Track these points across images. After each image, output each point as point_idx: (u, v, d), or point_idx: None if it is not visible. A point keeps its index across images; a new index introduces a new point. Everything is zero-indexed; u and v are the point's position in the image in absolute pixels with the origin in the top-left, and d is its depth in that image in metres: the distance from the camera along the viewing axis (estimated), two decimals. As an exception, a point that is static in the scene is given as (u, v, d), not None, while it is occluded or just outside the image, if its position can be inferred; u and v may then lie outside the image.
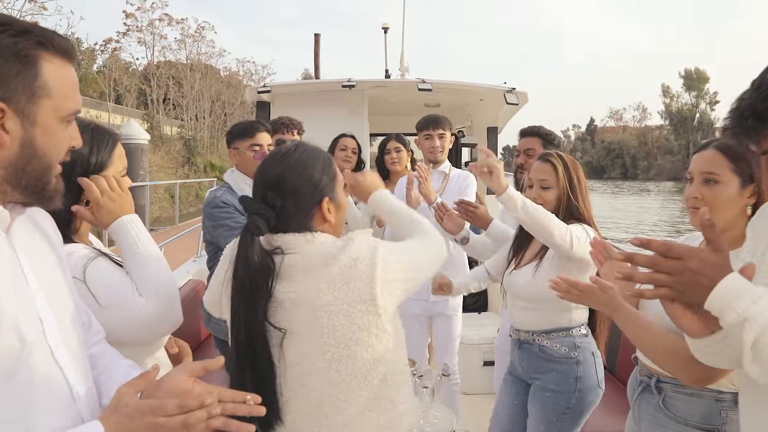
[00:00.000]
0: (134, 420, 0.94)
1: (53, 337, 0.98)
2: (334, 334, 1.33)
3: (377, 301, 1.33)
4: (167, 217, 20.28)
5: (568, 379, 2.24)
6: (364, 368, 1.36)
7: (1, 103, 0.91)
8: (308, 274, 1.35)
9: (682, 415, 1.64)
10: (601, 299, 1.64)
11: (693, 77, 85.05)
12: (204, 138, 32.95)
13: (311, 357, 1.35)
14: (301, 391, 1.37)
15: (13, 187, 0.96)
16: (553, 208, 2.27)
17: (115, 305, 1.39)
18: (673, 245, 1.02)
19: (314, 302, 1.33)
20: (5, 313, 0.89)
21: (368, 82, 4.62)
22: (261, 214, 1.35)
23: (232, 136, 2.77)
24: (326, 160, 1.46)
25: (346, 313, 1.32)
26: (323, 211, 1.41)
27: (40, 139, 0.96)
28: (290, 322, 1.35)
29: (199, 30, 34.45)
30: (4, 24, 0.92)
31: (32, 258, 1.01)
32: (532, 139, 3.05)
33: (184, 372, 1.04)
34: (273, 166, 1.41)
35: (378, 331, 1.35)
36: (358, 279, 1.32)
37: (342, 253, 1.35)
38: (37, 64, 0.94)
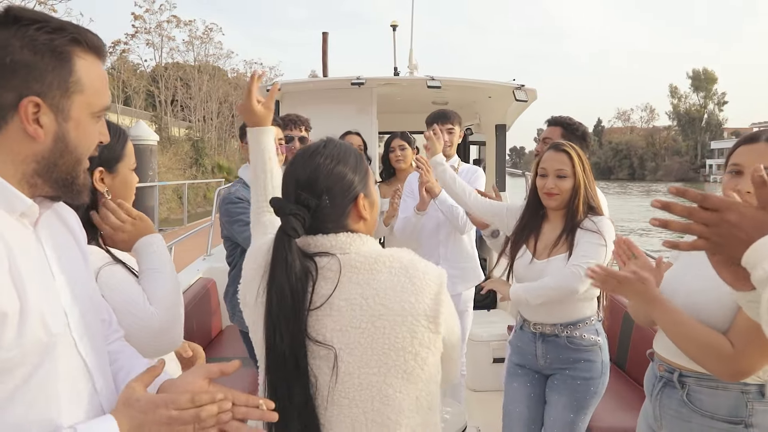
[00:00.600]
0: (147, 413, 0.95)
1: (77, 330, 1.01)
2: (394, 346, 1.24)
3: (439, 319, 1.26)
4: (175, 218, 20.37)
5: (596, 365, 2.31)
6: (417, 388, 1.27)
7: (36, 98, 0.94)
8: (372, 277, 1.26)
9: (707, 409, 1.62)
10: (638, 289, 1.64)
11: (701, 78, 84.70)
12: (212, 139, 33.07)
13: (369, 369, 1.25)
14: (348, 407, 1.26)
15: (44, 180, 0.99)
16: (568, 197, 2.29)
17: (124, 311, 1.40)
18: (711, 195, 0.99)
19: (375, 309, 1.24)
20: (33, 307, 0.91)
21: (377, 79, 4.63)
22: (296, 215, 1.26)
23: (245, 131, 2.76)
24: (357, 155, 1.39)
25: (409, 325, 1.24)
26: (359, 208, 1.33)
27: (72, 134, 0.99)
28: (342, 331, 1.25)
29: (207, 32, 34.61)
30: (40, 21, 0.94)
31: (58, 252, 1.04)
32: (552, 128, 2.98)
33: (199, 374, 1.05)
34: (303, 165, 1.33)
35: (435, 350, 1.28)
36: (426, 293, 1.26)
37: (412, 263, 1.29)
38: (71, 61, 0.97)
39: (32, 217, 0.99)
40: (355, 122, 4.38)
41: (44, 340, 0.92)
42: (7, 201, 0.94)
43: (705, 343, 1.52)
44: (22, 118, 0.93)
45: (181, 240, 5.12)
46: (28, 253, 0.95)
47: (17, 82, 0.93)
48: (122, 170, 1.58)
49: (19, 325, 0.88)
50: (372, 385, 1.25)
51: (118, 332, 1.27)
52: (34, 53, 0.93)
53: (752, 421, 1.56)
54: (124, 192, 1.59)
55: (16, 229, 0.95)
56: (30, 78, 0.93)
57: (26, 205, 0.96)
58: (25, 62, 0.92)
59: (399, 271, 1.27)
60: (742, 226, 0.96)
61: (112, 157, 1.54)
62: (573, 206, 2.29)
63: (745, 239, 0.96)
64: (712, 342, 1.51)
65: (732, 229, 0.97)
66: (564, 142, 2.35)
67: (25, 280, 0.91)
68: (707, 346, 1.52)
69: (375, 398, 1.25)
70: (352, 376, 1.25)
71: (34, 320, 0.90)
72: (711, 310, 1.56)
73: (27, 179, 0.97)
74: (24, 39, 0.92)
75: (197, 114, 32.99)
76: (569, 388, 2.32)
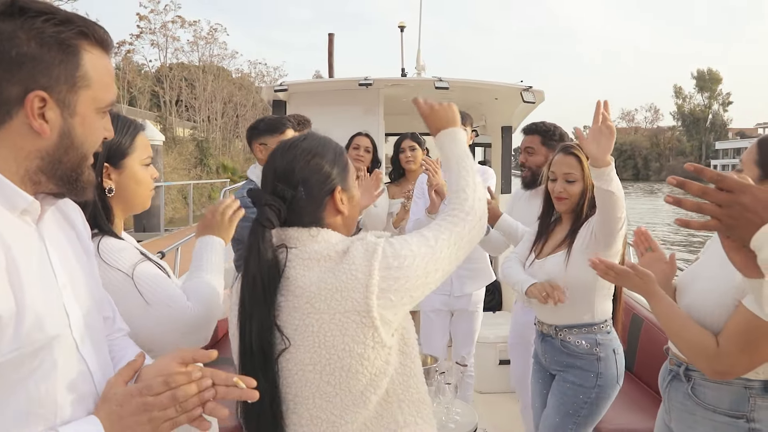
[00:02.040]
0: (123, 405, 0.94)
1: (78, 331, 0.98)
2: (325, 344, 1.21)
3: (372, 313, 1.20)
4: (180, 217, 20.42)
5: (588, 375, 2.25)
6: (359, 384, 1.23)
7: (42, 92, 0.91)
8: (306, 274, 1.24)
9: (710, 402, 1.65)
10: (636, 283, 1.69)
11: (705, 78, 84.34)
12: (216, 139, 33.13)
13: (304, 367, 1.24)
14: (293, 403, 1.26)
15: (48, 177, 0.96)
16: (577, 201, 2.28)
17: (162, 304, 1.43)
18: (727, 176, 0.99)
19: (306, 307, 1.22)
20: (31, 308, 0.88)
21: (385, 80, 4.62)
22: (271, 205, 1.27)
23: (258, 131, 2.73)
24: (337, 149, 1.37)
25: (338, 323, 1.20)
26: (336, 201, 1.32)
27: (78, 130, 0.96)
28: (286, 327, 1.24)
29: (212, 32, 34.71)
30: (47, 13, 0.91)
31: (60, 250, 1.01)
32: (531, 137, 3.02)
33: (174, 358, 1.03)
34: (281, 156, 1.33)
35: (375, 344, 1.21)
36: (353, 288, 1.20)
37: (342, 257, 1.24)
38: (78, 54, 0.94)
39: (34, 215, 0.97)
40: (362, 123, 4.37)
41: (42, 342, 0.90)
42: (7, 198, 0.92)
43: (693, 340, 1.57)
44: (27, 112, 0.91)
45: (188, 240, 5.12)
46: (28, 252, 0.92)
47: (23, 76, 0.89)
48: (130, 165, 1.53)
49: (15, 328, 0.86)
50: (311, 382, 1.23)
51: (122, 330, 1.26)
52: (41, 46, 0.90)
53: (754, 416, 1.58)
54: (135, 188, 1.54)
55: (16, 227, 0.92)
56: (36, 72, 0.90)
57: (27, 202, 0.94)
58: (31, 55, 0.89)
59: (329, 268, 1.23)
60: (754, 209, 0.96)
61: (117, 152, 1.50)
62: (579, 209, 2.29)
63: (757, 222, 0.96)
64: (699, 339, 1.55)
65: (744, 211, 0.96)
66: (574, 145, 2.33)
67: (24, 280, 0.88)
68: (694, 343, 1.56)
69: (315, 395, 1.24)
70: (291, 372, 1.25)
71: (31, 322, 0.88)
72: (712, 310, 1.59)
73: (30, 176, 0.94)
74: (31, 31, 0.89)
75: (202, 114, 33.06)
76: (560, 391, 2.31)
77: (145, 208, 1.61)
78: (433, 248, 1.27)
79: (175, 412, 0.95)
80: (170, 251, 4.38)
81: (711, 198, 0.98)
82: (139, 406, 0.93)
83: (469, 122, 3.47)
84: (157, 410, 0.94)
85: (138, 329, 1.37)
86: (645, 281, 1.68)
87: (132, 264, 1.43)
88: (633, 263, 1.74)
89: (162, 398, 0.94)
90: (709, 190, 0.98)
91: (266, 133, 2.71)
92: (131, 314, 1.38)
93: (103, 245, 1.43)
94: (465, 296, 3.39)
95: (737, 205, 0.97)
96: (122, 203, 1.54)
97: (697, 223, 1.03)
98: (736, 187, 0.97)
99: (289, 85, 4.62)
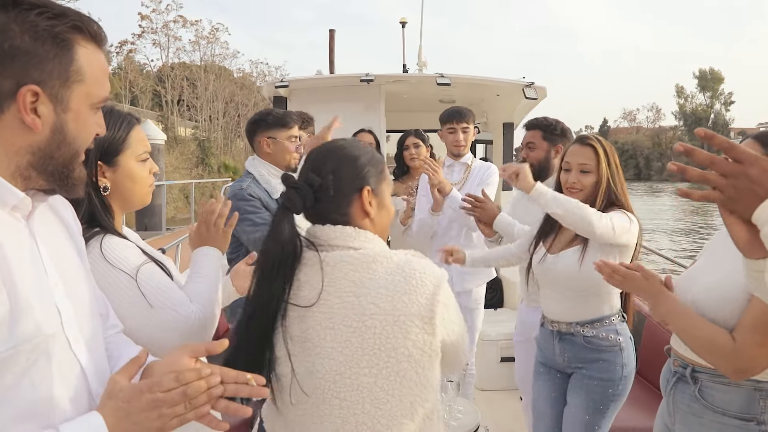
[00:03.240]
0: (132, 402, 0.92)
1: (71, 329, 0.97)
2: (386, 346, 1.20)
3: (435, 320, 1.21)
4: (182, 217, 20.42)
5: (615, 367, 2.24)
6: (412, 393, 1.22)
7: (35, 87, 0.89)
8: (370, 276, 1.23)
9: (719, 405, 1.61)
10: (642, 286, 1.67)
11: (707, 77, 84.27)
12: (218, 139, 33.13)
13: (360, 370, 1.21)
14: (339, 407, 1.23)
15: (39, 173, 0.94)
16: (590, 193, 2.23)
17: (166, 307, 1.42)
18: (738, 146, 0.95)
19: (370, 307, 1.20)
20: (24, 306, 0.87)
21: (386, 76, 4.61)
22: (297, 188, 1.27)
23: (267, 124, 2.66)
24: (376, 157, 1.37)
25: (402, 326, 1.19)
26: (363, 200, 1.30)
27: (71, 125, 0.95)
28: (334, 329, 1.22)
29: (213, 31, 34.68)
30: (41, 6, 0.90)
31: (51, 247, 1.00)
32: (532, 132, 2.97)
33: (184, 352, 1.01)
34: (320, 150, 1.36)
35: (431, 352, 1.22)
36: (421, 293, 1.21)
37: (409, 263, 1.25)
38: (72, 49, 0.92)
39: (24, 211, 0.95)
40: (363, 120, 4.36)
41: (36, 341, 0.88)
42: None
43: (707, 339, 1.52)
44: (19, 107, 0.89)
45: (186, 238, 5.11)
46: (19, 249, 0.91)
47: (15, 70, 0.88)
48: (124, 162, 1.48)
49: (10, 327, 0.85)
50: (363, 386, 1.21)
51: (116, 327, 1.24)
52: (35, 39, 0.88)
53: (765, 419, 1.55)
54: (131, 185, 1.51)
55: (7, 223, 0.91)
56: (29, 65, 0.88)
57: (18, 198, 0.92)
58: (24, 49, 0.87)
59: (394, 270, 1.23)
60: (761, 181, 0.93)
61: (110, 149, 1.46)
62: (592, 201, 2.22)
63: (762, 195, 0.93)
64: (714, 338, 1.51)
65: (750, 183, 0.93)
66: (590, 136, 2.29)
67: (16, 278, 0.87)
68: (709, 342, 1.52)
69: (366, 400, 1.21)
70: (344, 375, 1.22)
71: (26, 320, 0.87)
72: (720, 304, 1.56)
73: (21, 171, 0.93)
74: (24, 24, 0.87)
75: (203, 114, 33.06)
76: (585, 389, 2.27)
77: (144, 204, 1.58)
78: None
79: (184, 408, 0.94)
80: (171, 248, 4.37)
81: (718, 168, 0.95)
82: (149, 402, 0.92)
83: (473, 119, 3.45)
84: (167, 406, 0.93)
85: (139, 330, 1.36)
86: (651, 282, 1.66)
87: (136, 265, 1.41)
88: (639, 264, 1.71)
89: (172, 394, 0.93)
90: (717, 159, 0.95)
91: (275, 126, 2.65)
92: (133, 316, 1.37)
93: (106, 244, 1.40)
94: (465, 293, 3.37)
95: (744, 176, 0.93)
96: (120, 200, 1.51)
97: (699, 194, 1.00)
98: (746, 158, 0.94)
99: (291, 82, 4.62)
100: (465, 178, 3.42)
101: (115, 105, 1.22)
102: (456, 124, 3.37)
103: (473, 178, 3.41)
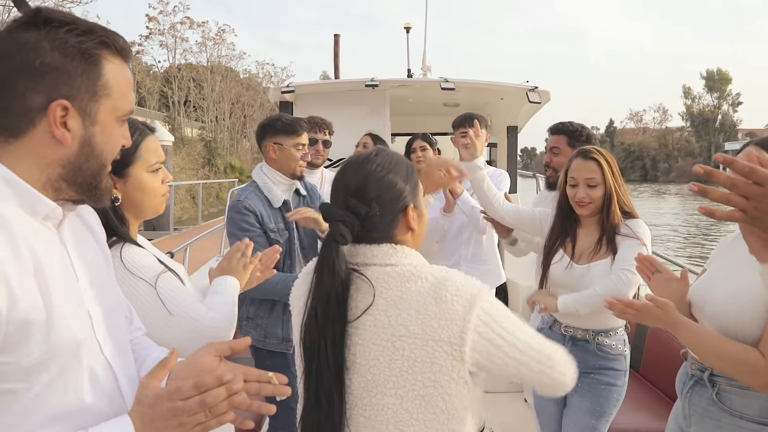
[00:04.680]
0: (155, 408, 0.94)
1: (101, 333, 1.00)
2: (413, 370, 1.17)
3: (464, 348, 1.16)
4: (189, 217, 20.50)
5: (621, 374, 2.31)
6: (437, 420, 1.19)
7: (65, 102, 0.92)
8: (402, 297, 1.21)
9: (737, 409, 1.61)
10: (658, 316, 1.63)
11: (715, 78, 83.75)
12: (224, 139, 33.26)
13: (385, 390, 1.19)
14: (364, 426, 1.22)
15: (69, 184, 0.97)
16: (599, 206, 2.27)
17: (185, 315, 1.46)
18: (758, 169, 0.97)
19: (399, 329, 1.18)
20: (58, 312, 0.90)
21: (391, 81, 4.65)
22: (345, 221, 1.24)
23: (275, 130, 2.63)
24: (409, 166, 1.35)
25: (430, 350, 1.16)
26: (408, 218, 1.30)
27: (98, 138, 0.97)
28: (364, 345, 1.21)
29: (220, 33, 34.84)
30: (70, 23, 0.93)
31: (80, 254, 1.03)
32: (557, 137, 2.93)
33: (210, 351, 1.03)
34: (354, 172, 1.30)
35: (459, 379, 1.18)
36: (452, 319, 1.17)
37: (443, 282, 1.20)
38: (99, 64, 0.95)
39: (55, 220, 0.98)
40: (368, 124, 4.40)
41: (69, 345, 0.92)
42: (30, 205, 0.93)
43: (736, 358, 1.51)
44: (50, 121, 0.92)
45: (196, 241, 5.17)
46: (52, 257, 0.94)
47: (46, 85, 0.91)
48: (135, 173, 1.51)
49: (45, 332, 0.88)
50: (388, 407, 1.20)
51: (140, 330, 1.28)
52: (64, 56, 0.92)
53: None
54: (141, 196, 1.54)
55: (39, 232, 0.94)
56: (59, 81, 0.92)
57: (50, 208, 0.95)
58: (54, 65, 0.91)
59: (427, 291, 1.19)
60: None
61: (119, 161, 1.48)
62: (607, 212, 2.26)
63: None
64: (742, 357, 1.50)
65: None
66: (592, 149, 2.31)
67: (50, 284, 0.90)
68: (738, 361, 1.51)
69: (390, 422, 1.20)
70: (370, 393, 1.21)
71: (60, 325, 0.90)
72: (742, 316, 1.55)
73: (52, 183, 0.96)
74: (54, 41, 0.91)
75: (210, 114, 33.20)
76: (593, 393, 2.30)
77: (157, 213, 1.61)
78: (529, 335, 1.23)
79: (204, 416, 0.95)
80: (179, 251, 4.42)
81: (740, 190, 0.97)
82: (170, 410, 0.94)
83: (485, 124, 3.47)
84: (187, 415, 0.94)
85: (158, 338, 1.38)
86: (666, 312, 1.61)
87: (155, 274, 1.45)
88: (651, 294, 1.67)
89: (190, 403, 0.94)
90: (739, 181, 0.97)
91: (282, 133, 2.62)
92: (152, 323, 1.40)
93: (126, 254, 1.44)
94: None
95: (765, 198, 0.96)
96: (132, 210, 1.54)
97: (722, 213, 1.01)
98: (767, 180, 0.96)
99: (296, 87, 4.66)
100: None
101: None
102: (469, 128, 3.40)
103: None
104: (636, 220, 2.28)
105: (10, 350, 0.84)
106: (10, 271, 0.84)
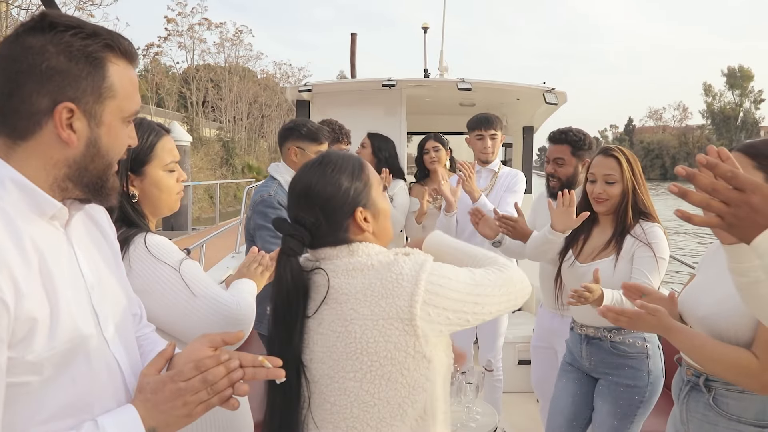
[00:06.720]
0: (158, 393, 0.98)
1: (108, 330, 1.03)
2: (367, 351, 1.22)
3: (415, 321, 1.21)
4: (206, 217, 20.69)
5: (641, 374, 2.26)
6: (398, 395, 1.24)
7: (71, 104, 0.95)
8: (350, 282, 1.26)
9: (734, 413, 1.62)
10: (650, 323, 1.68)
11: (736, 75, 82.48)
12: (242, 140, 33.51)
13: (345, 374, 1.24)
14: (329, 411, 1.27)
15: (75, 184, 1.00)
16: (617, 202, 2.28)
17: (207, 296, 1.50)
18: (741, 174, 0.95)
19: (350, 313, 1.24)
20: (64, 309, 0.93)
21: (408, 81, 4.65)
22: (293, 235, 1.29)
23: (299, 135, 2.72)
24: (356, 165, 1.35)
25: (381, 329, 1.21)
26: (357, 221, 1.32)
27: (104, 139, 1.00)
28: (324, 335, 1.27)
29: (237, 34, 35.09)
30: (75, 27, 0.95)
31: (88, 253, 1.05)
32: (560, 147, 2.86)
33: (203, 342, 1.07)
34: (299, 180, 1.34)
35: (416, 353, 1.23)
36: (398, 295, 1.21)
37: (388, 267, 1.25)
38: (104, 66, 0.97)
39: (62, 220, 1.01)
40: (384, 123, 4.41)
41: (75, 342, 0.94)
42: (37, 205, 0.95)
43: (730, 362, 1.53)
44: (56, 123, 0.94)
45: (212, 238, 5.22)
46: (58, 256, 0.96)
47: (52, 88, 0.93)
48: (151, 172, 1.57)
49: (51, 329, 0.90)
50: (350, 391, 1.24)
51: (149, 327, 1.30)
52: (70, 59, 0.94)
53: None
54: (158, 194, 1.60)
55: (46, 231, 0.97)
56: (65, 84, 0.94)
57: (56, 208, 0.97)
58: (60, 68, 0.93)
59: (373, 275, 1.25)
60: (763, 211, 0.93)
61: (137, 160, 1.55)
62: (624, 211, 2.28)
63: (762, 224, 0.94)
64: (736, 360, 1.52)
65: (752, 212, 0.94)
66: (613, 147, 2.33)
67: (57, 283, 0.93)
68: (733, 365, 1.52)
69: (354, 404, 1.24)
70: (333, 380, 1.26)
71: (65, 323, 0.92)
72: (733, 320, 1.56)
73: (58, 183, 0.98)
74: (60, 45, 0.93)
75: (227, 115, 33.45)
76: (613, 395, 2.29)
77: (173, 210, 1.67)
78: (476, 282, 1.29)
79: (207, 394, 0.99)
80: (195, 248, 4.48)
81: (721, 195, 0.95)
82: (173, 392, 0.97)
83: (500, 126, 3.47)
84: (190, 394, 0.97)
85: (183, 320, 1.45)
86: (658, 317, 1.66)
87: (179, 259, 1.50)
88: (642, 302, 1.71)
89: (193, 382, 0.98)
90: (720, 186, 0.95)
91: (307, 138, 2.71)
92: (177, 305, 1.45)
93: (150, 240, 1.49)
94: None
95: (746, 205, 0.94)
96: (149, 207, 1.61)
97: (699, 219, 0.99)
98: (749, 187, 0.94)
99: (313, 86, 4.68)
100: (492, 185, 3.43)
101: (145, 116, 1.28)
102: (484, 131, 3.39)
103: (500, 184, 3.43)
104: (652, 225, 2.27)
105: (16, 345, 0.87)
106: (16, 269, 0.87)
